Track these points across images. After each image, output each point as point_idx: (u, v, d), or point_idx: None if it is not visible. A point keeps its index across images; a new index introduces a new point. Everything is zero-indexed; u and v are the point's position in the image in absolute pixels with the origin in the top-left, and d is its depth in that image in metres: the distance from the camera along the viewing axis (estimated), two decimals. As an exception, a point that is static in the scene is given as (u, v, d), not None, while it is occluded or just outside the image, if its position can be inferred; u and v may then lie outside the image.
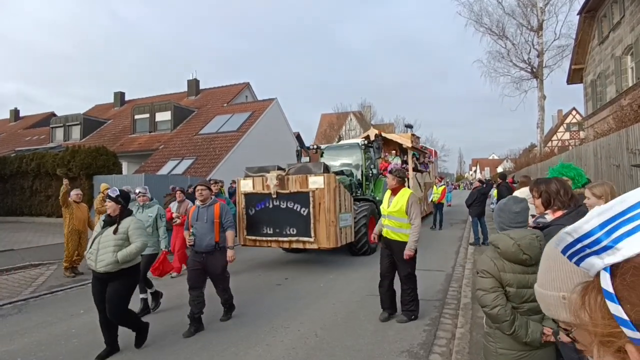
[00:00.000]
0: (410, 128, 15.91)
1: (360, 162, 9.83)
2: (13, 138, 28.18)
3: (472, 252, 8.39)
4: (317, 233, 6.87)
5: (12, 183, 16.14)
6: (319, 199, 6.88)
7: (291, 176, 7.15)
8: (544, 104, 19.58)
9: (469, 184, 68.03)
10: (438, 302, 5.28)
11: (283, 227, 7.12)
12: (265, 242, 7.37)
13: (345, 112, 40.27)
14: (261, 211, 7.38)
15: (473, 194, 10.00)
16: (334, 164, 10.08)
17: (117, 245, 3.69)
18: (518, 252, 1.98)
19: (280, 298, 5.68)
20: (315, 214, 6.87)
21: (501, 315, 1.99)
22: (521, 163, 27.15)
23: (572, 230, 0.48)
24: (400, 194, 4.49)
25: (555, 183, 2.30)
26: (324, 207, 6.86)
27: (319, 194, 6.87)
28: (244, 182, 7.66)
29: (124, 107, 27.19)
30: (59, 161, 14.40)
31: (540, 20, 19.11)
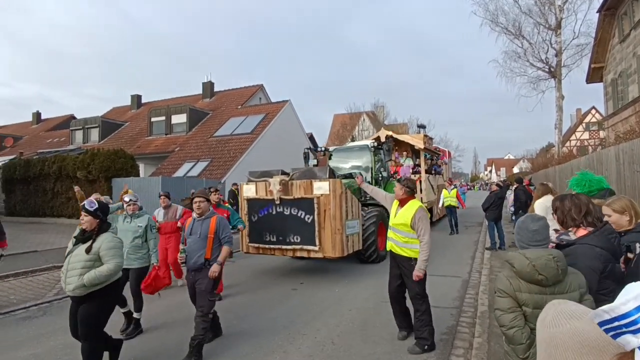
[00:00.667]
0: (423, 128, 15.49)
1: (370, 164, 9.58)
2: (35, 140, 29.02)
3: (488, 258, 8.31)
4: (322, 241, 6.59)
5: (35, 185, 16.63)
6: (324, 206, 6.58)
7: (295, 181, 6.87)
8: (562, 104, 19.20)
9: (484, 185, 67.14)
10: (454, 310, 5.25)
11: (287, 234, 6.85)
12: (268, 250, 7.10)
13: (358, 112, 40.20)
14: (264, 218, 7.10)
15: (490, 197, 9.87)
16: (343, 167, 9.95)
17: (86, 267, 3.23)
18: (533, 273, 1.96)
19: (296, 304, 5.73)
20: (320, 221, 6.58)
21: (517, 338, 1.97)
22: (538, 164, 26.68)
23: (610, 310, 0.52)
24: (407, 206, 4.08)
25: (569, 200, 2.27)
26: (329, 214, 6.55)
27: (324, 200, 6.57)
28: (247, 187, 7.39)
29: (140, 109, 27.73)
30: (79, 164, 14.79)
31: (558, 18, 18.73)
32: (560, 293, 1.94)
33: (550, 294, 1.95)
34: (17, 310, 5.71)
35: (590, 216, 2.23)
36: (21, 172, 16.86)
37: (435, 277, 6.90)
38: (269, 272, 7.88)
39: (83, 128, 24.88)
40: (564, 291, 1.95)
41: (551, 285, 1.95)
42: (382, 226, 8.11)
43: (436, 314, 5.03)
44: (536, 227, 2.09)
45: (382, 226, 8.11)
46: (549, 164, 18.80)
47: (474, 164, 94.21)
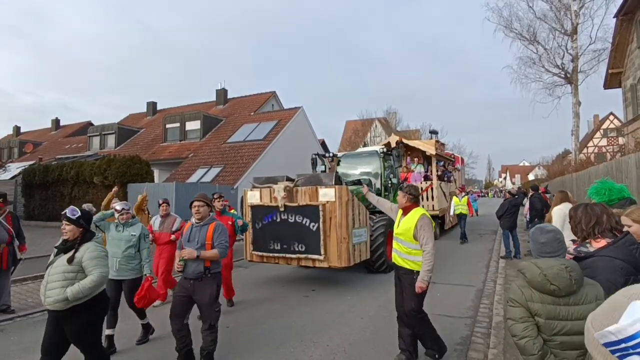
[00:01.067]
0: (435, 134, 15.13)
1: (380, 170, 9.35)
2: (54, 146, 29.76)
3: (503, 266, 8.16)
4: (327, 250, 6.36)
5: (54, 190, 17.03)
6: (330, 213, 6.35)
7: (300, 188, 6.66)
8: (578, 110, 18.85)
9: (498, 192, 66.12)
10: (469, 320, 5.16)
11: (291, 242, 6.63)
12: (272, 258, 6.91)
13: (370, 118, 40.19)
14: (268, 225, 6.89)
15: (504, 205, 9.72)
16: (352, 173, 9.81)
17: (67, 279, 3.00)
18: (545, 282, 1.92)
19: (308, 310, 5.71)
20: (326, 229, 6.35)
21: (528, 348, 1.93)
22: (554, 171, 26.18)
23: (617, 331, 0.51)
24: (410, 214, 3.80)
25: (581, 210, 2.23)
26: (335, 222, 6.33)
27: (330, 207, 6.35)
28: (251, 194, 7.21)
29: (155, 116, 28.22)
30: (96, 169, 15.10)
31: (574, 24, 18.46)
32: (575, 304, 1.90)
33: (564, 304, 1.90)
34: (35, 313, 5.83)
35: (599, 227, 2.17)
36: (40, 177, 17.30)
37: (448, 286, 6.82)
38: (281, 279, 7.88)
39: (100, 134, 25.43)
40: (579, 302, 1.90)
41: (565, 296, 1.90)
42: (392, 235, 8.07)
43: (450, 323, 4.97)
44: (544, 240, 2.05)
45: (392, 235, 8.07)
46: (566, 171, 18.43)
47: (487, 170, 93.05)
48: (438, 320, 5.12)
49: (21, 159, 28.39)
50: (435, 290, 6.57)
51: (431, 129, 14.55)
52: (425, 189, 12.63)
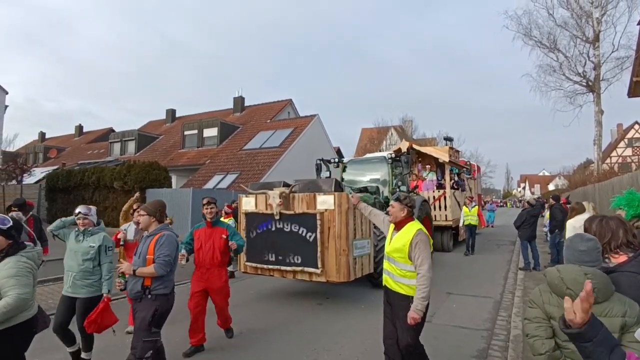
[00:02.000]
0: (450, 141, 14.24)
1: (388, 177, 8.91)
2: (77, 152, 30.67)
3: (522, 278, 7.95)
4: (325, 263, 5.79)
5: (75, 194, 17.51)
6: (328, 223, 5.81)
7: (297, 194, 6.14)
8: (601, 119, 18.37)
9: (517, 202, 64.73)
10: (486, 333, 5.03)
11: (286, 254, 6.09)
12: (267, 270, 6.35)
13: (385, 126, 40.10)
14: (263, 234, 6.36)
15: (522, 215, 9.50)
16: (359, 180, 9.44)
17: None
18: (561, 285, 1.89)
19: (322, 318, 5.68)
20: (324, 240, 5.80)
21: (537, 347, 1.94)
22: (576, 181, 25.48)
23: None
24: (405, 230, 3.24)
25: (597, 224, 2.16)
26: (333, 233, 5.78)
27: (328, 216, 5.82)
28: (246, 201, 6.76)
29: (174, 123, 28.81)
30: (116, 175, 15.48)
31: (596, 31, 18.10)
32: (597, 315, 1.83)
33: None
34: (52, 314, 5.96)
35: (615, 242, 2.10)
36: (63, 181, 17.83)
37: (465, 297, 6.69)
38: (295, 285, 7.87)
39: (121, 140, 26.09)
40: (600, 314, 1.82)
41: None
42: None
43: (466, 335, 4.87)
44: (584, 248, 1.97)
45: None
46: (588, 182, 17.93)
47: (506, 180, 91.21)
48: (454, 332, 5.04)
49: (45, 164, 29.35)
50: (451, 301, 6.46)
51: (445, 136, 13.69)
52: (438, 198, 12.17)
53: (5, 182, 19.01)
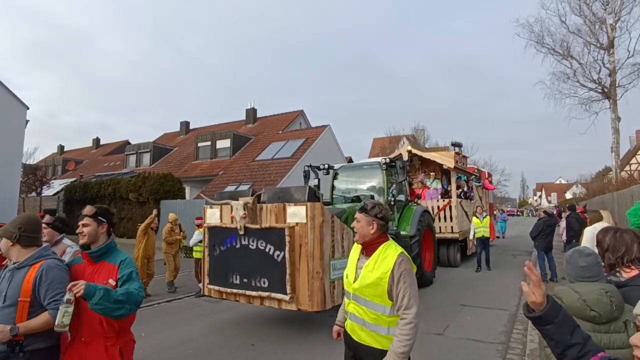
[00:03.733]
0: (459, 147, 12.91)
1: (383, 185, 8.15)
2: (94, 164, 31.39)
3: (538, 290, 7.77)
4: (295, 288, 4.82)
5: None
6: (300, 239, 4.85)
7: (265, 205, 5.22)
8: (618, 126, 18.00)
9: (533, 211, 63.49)
10: (501, 346, 4.93)
11: (252, 276, 5.14)
12: (232, 295, 5.40)
13: (397, 135, 40.00)
14: (227, 252, 5.46)
15: (538, 225, 9.31)
16: (352, 188, 8.78)
17: None
18: (584, 309, 1.82)
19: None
20: (294, 260, 4.85)
21: None
22: (594, 189, 24.91)
23: None
24: (379, 255, 2.26)
25: (610, 236, 2.12)
26: (305, 251, 4.80)
27: (300, 231, 4.85)
28: (210, 212, 5.84)
29: (188, 135, 29.30)
30: (132, 186, 15.79)
31: (610, 37, 17.85)
32: (616, 332, 1.79)
33: (605, 332, 1.80)
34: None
35: (628, 256, 2.05)
36: (80, 193, 18.27)
37: (479, 309, 6.57)
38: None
39: (136, 153, 26.62)
40: (620, 330, 1.79)
41: (605, 323, 1.80)
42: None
43: (480, 349, 4.78)
44: (585, 264, 1.94)
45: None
46: (606, 190, 17.51)
47: (521, 188, 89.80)
48: (468, 345, 4.95)
49: (64, 176, 30.09)
50: (464, 313, 6.35)
51: (454, 141, 12.56)
52: (442, 207, 11.10)
53: (26, 194, 19.56)
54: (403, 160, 8.16)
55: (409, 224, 8.03)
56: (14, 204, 13.82)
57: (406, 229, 7.97)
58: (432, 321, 5.91)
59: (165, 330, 5.75)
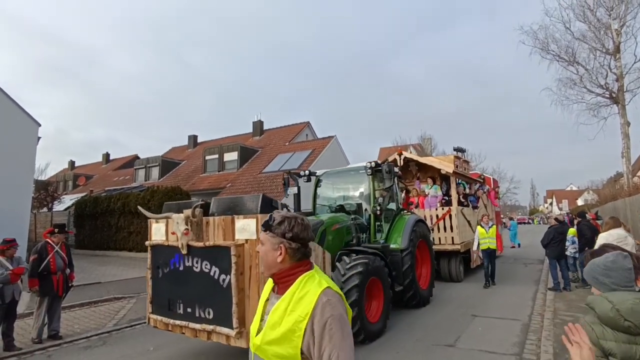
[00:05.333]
0: (462, 152, 11.93)
1: (370, 192, 7.28)
2: (104, 179, 31.80)
3: (551, 299, 7.62)
4: (243, 320, 4.02)
5: (102, 220, 18.08)
6: (250, 260, 4.03)
7: (213, 218, 4.44)
8: (628, 130, 17.79)
9: (544, 218, 62.58)
10: (514, 357, 4.82)
11: (196, 305, 4.33)
12: (177, 327, 4.54)
13: (404, 144, 39.96)
14: (170, 275, 4.62)
15: (549, 232, 9.14)
16: (337, 195, 8.01)
17: None
18: (618, 319, 1.73)
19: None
20: (242, 285, 4.03)
21: None
22: (605, 195, 24.53)
23: None
24: (292, 294, 1.50)
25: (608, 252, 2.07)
26: (256, 274, 3.95)
27: (250, 250, 4.02)
28: (156, 228, 5.02)
29: (196, 148, 29.61)
30: (140, 200, 15.93)
31: (616, 42, 17.78)
32: None
33: None
34: (80, 339, 6.10)
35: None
36: (90, 208, 18.48)
37: (491, 319, 6.45)
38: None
39: (145, 167, 26.94)
40: None
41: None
42: (376, 284, 5.77)
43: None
44: (630, 265, 1.85)
45: (376, 284, 5.77)
46: (619, 196, 17.23)
47: (532, 196, 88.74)
48: (480, 357, 4.86)
49: (74, 191, 30.50)
50: (476, 323, 6.24)
51: (456, 147, 11.65)
52: (442, 216, 10.12)
53: (37, 210, 19.84)
54: (390, 164, 7.10)
55: (400, 236, 7.10)
56: (25, 220, 14.03)
57: (397, 241, 7.05)
58: (443, 332, 5.82)
59: (173, 345, 5.74)
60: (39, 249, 5.91)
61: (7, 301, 5.39)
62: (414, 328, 6.11)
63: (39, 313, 5.88)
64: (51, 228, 6.37)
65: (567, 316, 6.32)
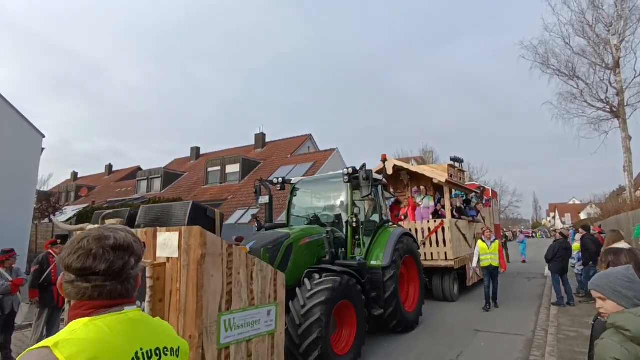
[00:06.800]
0: (459, 162, 11.12)
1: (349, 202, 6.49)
2: (106, 190, 31.89)
3: (555, 314, 7.53)
4: None
5: (103, 231, 18.07)
6: (170, 284, 3.19)
7: (139, 230, 3.62)
8: (629, 144, 17.82)
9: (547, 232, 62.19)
10: (517, 373, 4.75)
11: None
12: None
13: (406, 157, 40.05)
14: None
15: (554, 247, 9.05)
16: (315, 206, 7.25)
17: None
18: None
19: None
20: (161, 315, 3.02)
21: None
22: (608, 209, 24.40)
23: None
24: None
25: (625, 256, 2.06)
26: (176, 302, 3.12)
27: (171, 271, 3.19)
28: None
29: (199, 160, 29.76)
30: (142, 212, 15.96)
31: (616, 58, 17.96)
32: None
33: None
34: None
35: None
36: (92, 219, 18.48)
37: (494, 334, 6.37)
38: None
39: (147, 178, 27.03)
40: None
41: None
42: (347, 308, 4.99)
43: (496, 376, 4.59)
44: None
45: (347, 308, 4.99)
46: (622, 210, 17.15)
47: (534, 209, 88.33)
48: (483, 372, 4.77)
49: (77, 202, 30.57)
50: (479, 339, 6.16)
51: (453, 156, 10.91)
52: (434, 229, 9.25)
53: (39, 221, 19.86)
54: (368, 170, 6.09)
55: (382, 251, 6.30)
56: (27, 231, 14.03)
57: (378, 257, 6.26)
58: (446, 347, 5.75)
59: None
60: (41, 260, 5.92)
61: (7, 312, 5.37)
62: (415, 344, 6.02)
63: (38, 324, 5.84)
64: (53, 239, 6.40)
65: (570, 331, 6.24)
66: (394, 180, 10.99)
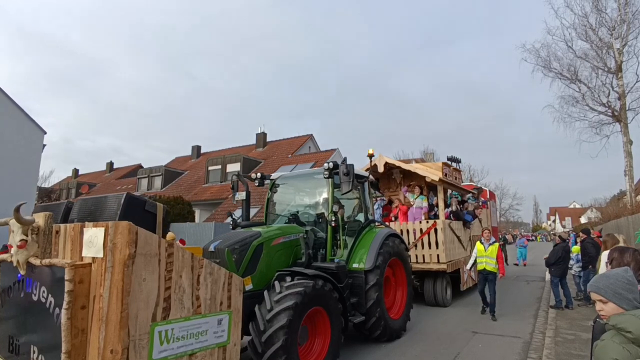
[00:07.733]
0: (457, 162, 10.68)
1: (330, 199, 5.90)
2: (107, 188, 31.94)
3: (553, 317, 7.53)
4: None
5: (103, 228, 18.12)
6: (94, 288, 2.66)
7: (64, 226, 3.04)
8: (630, 149, 17.82)
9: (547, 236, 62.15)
10: (514, 375, 4.75)
11: (30, 346, 2.98)
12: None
13: (407, 159, 40.04)
14: (12, 303, 3.35)
15: (557, 250, 8.99)
16: (296, 203, 6.87)
17: None
18: None
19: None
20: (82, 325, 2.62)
21: None
22: (609, 213, 24.36)
23: None
24: None
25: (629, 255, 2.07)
26: (99, 310, 2.59)
27: (96, 273, 2.66)
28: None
29: (199, 159, 29.82)
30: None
31: (618, 62, 17.95)
32: None
33: None
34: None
35: None
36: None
37: (491, 337, 6.37)
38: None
39: (148, 176, 27.09)
40: None
41: None
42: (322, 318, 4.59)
43: (493, 378, 4.59)
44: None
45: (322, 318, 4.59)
46: (622, 214, 17.13)
47: (535, 212, 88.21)
48: (480, 374, 4.77)
49: (77, 199, 30.63)
50: (476, 340, 6.17)
51: (450, 156, 10.32)
52: (426, 230, 8.73)
53: (39, 217, 19.90)
54: (349, 165, 5.45)
55: (366, 253, 5.82)
56: (27, 227, 14.10)
57: (361, 259, 5.75)
58: (442, 348, 5.75)
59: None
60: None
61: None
62: (413, 344, 6.03)
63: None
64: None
65: (568, 334, 6.24)
66: (387, 179, 10.72)
